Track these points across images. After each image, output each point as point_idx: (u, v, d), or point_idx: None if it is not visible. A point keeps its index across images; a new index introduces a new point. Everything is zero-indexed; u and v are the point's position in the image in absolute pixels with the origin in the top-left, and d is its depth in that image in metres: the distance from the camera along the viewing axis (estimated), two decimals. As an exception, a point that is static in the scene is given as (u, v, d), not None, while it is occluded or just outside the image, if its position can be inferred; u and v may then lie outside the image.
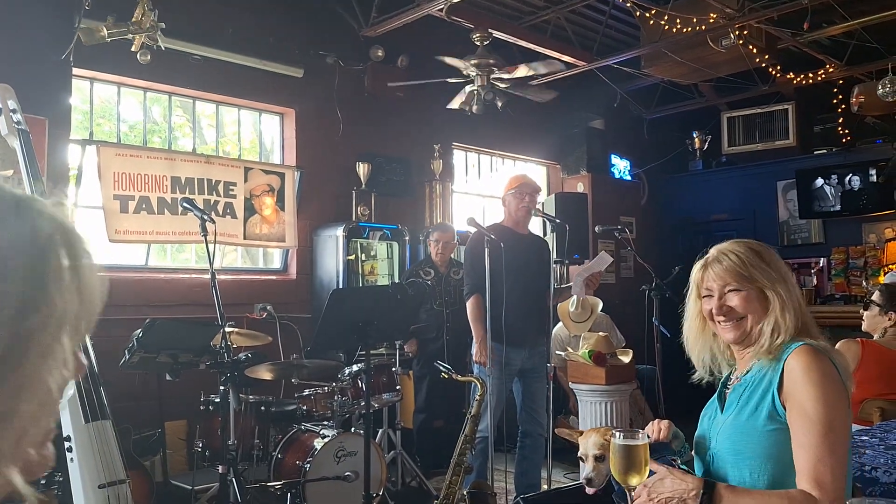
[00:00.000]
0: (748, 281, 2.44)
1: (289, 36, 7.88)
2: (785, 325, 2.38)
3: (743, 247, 2.53)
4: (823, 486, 2.16)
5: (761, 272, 2.45)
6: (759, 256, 2.49)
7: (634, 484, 2.19)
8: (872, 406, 4.46)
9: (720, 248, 2.56)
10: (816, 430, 2.20)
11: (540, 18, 8.81)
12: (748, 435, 2.33)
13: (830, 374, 2.28)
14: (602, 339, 6.13)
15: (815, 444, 2.19)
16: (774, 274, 2.46)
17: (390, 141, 8.80)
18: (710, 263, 2.53)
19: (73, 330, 0.80)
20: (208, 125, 7.86)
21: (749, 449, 2.31)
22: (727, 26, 7.99)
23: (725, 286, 2.46)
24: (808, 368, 2.27)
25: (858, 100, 9.49)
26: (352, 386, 5.96)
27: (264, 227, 7.52)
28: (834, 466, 2.18)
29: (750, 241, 2.60)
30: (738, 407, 2.41)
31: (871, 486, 3.04)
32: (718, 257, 2.52)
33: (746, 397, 2.40)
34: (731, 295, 2.45)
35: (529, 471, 5.93)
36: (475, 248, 5.73)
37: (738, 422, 2.37)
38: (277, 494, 5.37)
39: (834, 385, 2.26)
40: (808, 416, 2.22)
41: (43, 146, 6.02)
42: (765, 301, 2.43)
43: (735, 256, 2.49)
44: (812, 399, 2.23)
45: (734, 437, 2.36)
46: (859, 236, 10.57)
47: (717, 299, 2.47)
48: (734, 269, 2.46)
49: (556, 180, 11.08)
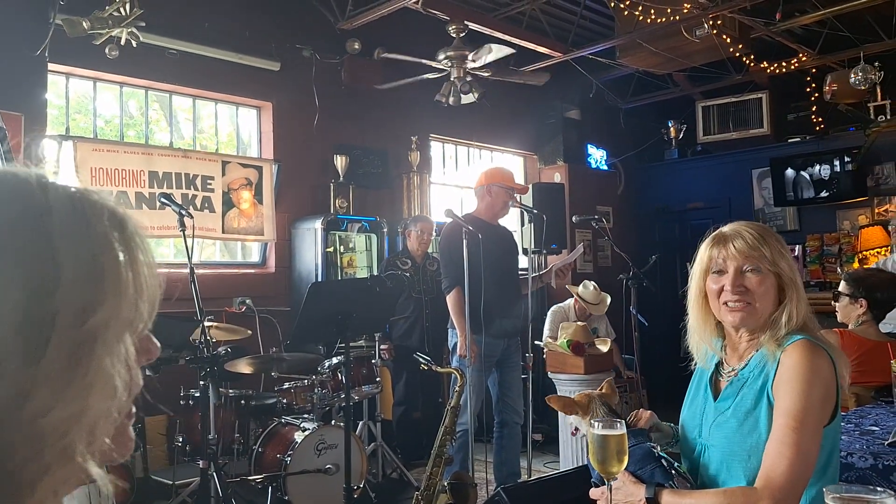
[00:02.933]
0: (770, 264, 2.34)
1: (265, 29, 7.86)
2: (797, 318, 2.32)
3: (762, 228, 2.43)
4: (771, 481, 2.13)
5: (783, 259, 2.36)
6: (779, 242, 2.41)
7: (614, 472, 2.19)
8: (847, 393, 4.50)
9: (739, 224, 2.45)
10: (786, 423, 2.18)
11: (515, 10, 8.83)
12: (746, 435, 2.30)
13: (821, 371, 2.23)
14: (580, 328, 6.17)
15: (780, 437, 2.17)
16: (792, 263, 2.39)
17: (368, 133, 8.79)
18: (731, 238, 2.39)
19: (134, 323, 0.81)
20: (185, 119, 7.83)
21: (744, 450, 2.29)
22: (701, 16, 8.04)
23: (745, 263, 2.35)
24: (800, 363, 2.23)
25: (831, 88, 9.57)
26: (331, 378, 5.97)
27: (242, 220, 7.51)
28: (794, 461, 2.13)
29: (762, 224, 2.53)
30: (735, 403, 2.36)
31: (847, 472, 3.06)
32: (740, 232, 2.39)
33: (744, 393, 2.35)
34: (749, 275, 2.35)
35: (509, 460, 5.95)
36: (452, 239, 5.70)
37: (736, 419, 2.34)
38: (258, 488, 5.39)
39: (821, 382, 2.22)
40: (783, 410, 2.20)
41: (19, 142, 5.98)
42: (779, 291, 2.36)
43: (759, 234, 2.38)
44: (792, 393, 2.20)
45: (731, 436, 2.33)
46: (834, 223, 10.65)
47: (733, 276, 2.35)
48: (758, 248, 2.34)
49: (532, 171, 11.10)
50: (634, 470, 2.35)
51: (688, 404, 2.63)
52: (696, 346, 2.57)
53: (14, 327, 0.70)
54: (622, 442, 2.15)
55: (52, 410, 0.72)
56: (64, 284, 0.73)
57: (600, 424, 2.16)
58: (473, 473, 5.49)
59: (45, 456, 0.72)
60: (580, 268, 10.49)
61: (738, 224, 2.46)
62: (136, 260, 0.81)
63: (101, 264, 0.77)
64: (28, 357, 0.70)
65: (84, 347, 0.74)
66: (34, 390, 0.71)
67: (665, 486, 2.29)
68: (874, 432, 3.42)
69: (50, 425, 0.72)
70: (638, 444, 2.40)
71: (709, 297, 2.45)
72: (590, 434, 2.18)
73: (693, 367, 2.66)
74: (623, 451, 2.15)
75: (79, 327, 0.74)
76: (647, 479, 2.33)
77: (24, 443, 0.71)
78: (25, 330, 0.70)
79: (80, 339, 0.74)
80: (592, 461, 2.21)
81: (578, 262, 10.41)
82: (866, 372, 4.53)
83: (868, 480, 2.99)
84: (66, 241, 0.75)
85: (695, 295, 2.51)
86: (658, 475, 2.33)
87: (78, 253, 0.75)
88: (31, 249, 0.72)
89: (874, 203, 10.30)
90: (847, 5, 8.20)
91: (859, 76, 8.77)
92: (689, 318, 2.57)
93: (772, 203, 11.01)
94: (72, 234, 0.76)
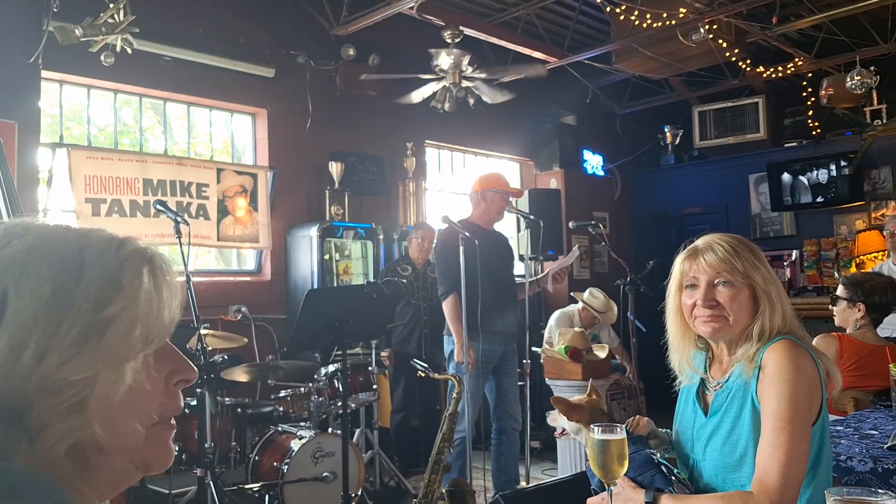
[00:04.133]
0: (742, 276, 2.32)
1: (259, 36, 7.84)
2: (772, 329, 2.30)
3: (736, 240, 2.40)
4: (765, 484, 2.12)
5: (756, 271, 2.34)
6: (753, 253, 2.38)
7: (613, 477, 2.18)
8: (846, 397, 4.48)
9: (711, 237, 2.42)
10: (774, 424, 2.16)
11: (510, 15, 8.82)
12: (734, 445, 2.29)
13: (804, 369, 2.22)
14: (578, 334, 6.15)
15: (770, 440, 2.16)
16: (767, 274, 2.35)
17: (363, 140, 8.77)
18: (702, 252, 2.38)
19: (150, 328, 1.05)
20: (179, 126, 7.80)
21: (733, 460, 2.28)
22: (697, 21, 8.03)
23: (716, 277, 2.33)
24: (782, 363, 2.22)
25: (828, 92, 9.58)
26: (328, 386, 5.95)
27: (238, 227, 7.48)
28: (786, 463, 2.12)
29: (738, 235, 2.46)
30: (723, 416, 2.35)
31: (847, 476, 3.06)
32: (711, 245, 2.37)
33: (730, 404, 2.34)
34: (721, 288, 2.33)
35: (508, 466, 5.92)
36: (448, 246, 5.67)
37: (724, 431, 2.32)
38: (255, 497, 5.35)
39: (806, 381, 2.21)
40: (770, 412, 2.19)
41: (13, 150, 5.96)
42: (754, 303, 2.33)
43: (730, 247, 2.35)
44: (778, 394, 2.19)
45: (720, 448, 2.32)
46: (831, 228, 10.66)
47: (705, 289, 2.34)
48: (729, 261, 2.32)
49: (528, 176, 11.09)
50: (634, 476, 2.35)
51: (678, 421, 2.61)
52: (676, 363, 2.55)
53: (41, 306, 0.97)
54: (622, 447, 2.13)
55: (61, 369, 0.96)
56: (84, 283, 1.00)
57: (600, 429, 2.14)
58: (472, 480, 5.47)
59: (54, 405, 0.96)
60: (577, 274, 10.48)
61: (710, 236, 2.43)
62: (159, 284, 1.07)
63: (120, 278, 1.03)
64: (48, 328, 0.96)
65: (96, 330, 0.98)
66: (49, 353, 0.95)
67: (664, 492, 2.28)
68: (873, 436, 3.42)
69: (59, 381, 0.96)
70: (638, 451, 2.39)
71: (684, 312, 2.43)
72: (590, 439, 2.16)
73: (677, 385, 2.63)
74: (623, 455, 2.13)
75: (93, 314, 0.99)
76: (648, 484, 2.32)
77: (36, 392, 0.95)
78: (48, 309, 0.97)
79: (93, 323, 0.98)
80: (593, 466, 2.19)
81: (575, 267, 10.42)
82: (865, 376, 4.52)
83: (868, 484, 2.99)
84: (93, 258, 1.02)
85: (672, 311, 2.50)
86: (658, 481, 2.33)
87: (101, 267, 1.02)
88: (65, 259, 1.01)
89: (871, 207, 10.31)
90: (843, 9, 8.20)
91: (855, 80, 8.78)
92: (668, 334, 2.55)
93: (769, 208, 11.02)
94: (100, 254, 1.03)
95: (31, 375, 0.95)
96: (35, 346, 0.95)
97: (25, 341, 0.95)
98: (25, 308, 0.96)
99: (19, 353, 0.95)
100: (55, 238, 1.04)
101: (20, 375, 0.95)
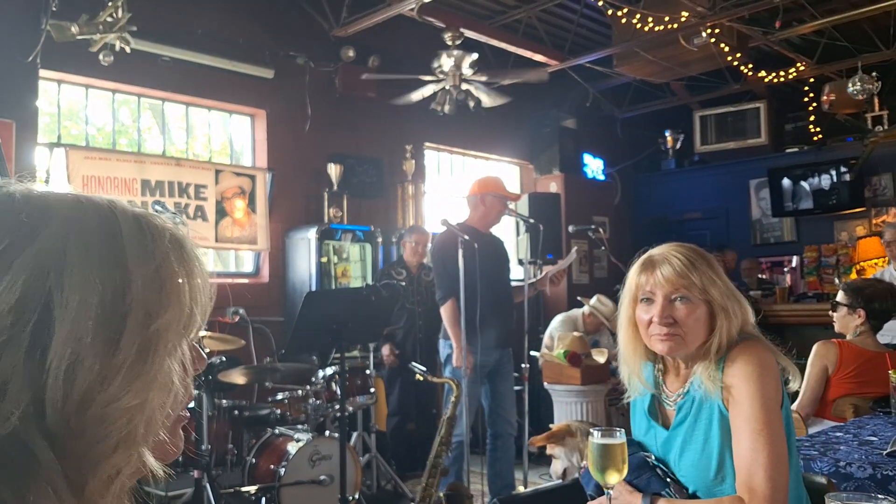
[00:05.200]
0: (700, 292, 2.25)
1: (259, 36, 7.82)
2: (728, 343, 2.25)
3: (692, 252, 2.33)
4: (755, 491, 2.10)
5: (713, 285, 2.27)
6: (710, 266, 2.31)
7: (612, 482, 2.16)
8: (846, 403, 4.47)
9: (667, 248, 2.35)
10: (753, 428, 2.13)
11: (511, 18, 8.81)
12: (709, 459, 2.24)
13: (767, 363, 2.20)
14: (577, 339, 6.13)
15: (750, 444, 2.13)
16: (724, 288, 2.29)
17: (362, 142, 8.75)
18: (658, 264, 2.30)
19: (189, 329, 0.96)
20: (178, 127, 7.78)
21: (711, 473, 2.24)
22: (699, 25, 8.01)
23: (673, 293, 2.26)
24: (746, 363, 2.19)
25: (829, 98, 9.56)
26: (326, 389, 5.93)
27: (236, 229, 7.46)
28: (768, 466, 2.10)
29: (694, 246, 2.39)
30: (689, 430, 2.30)
31: (846, 482, 3.04)
32: (668, 258, 2.30)
33: (694, 417, 2.29)
34: (678, 304, 2.26)
35: (503, 471, 5.89)
36: (446, 250, 5.64)
37: (696, 444, 2.28)
38: (252, 499, 5.33)
39: (770, 374, 2.19)
40: (744, 416, 2.15)
41: (10, 150, 5.94)
42: (711, 318, 2.27)
43: (686, 260, 2.28)
44: (749, 396, 2.15)
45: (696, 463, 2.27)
46: (831, 234, 10.66)
47: (661, 305, 2.26)
48: (686, 275, 2.25)
49: (528, 180, 11.07)
50: (630, 479, 2.33)
51: (635, 434, 2.56)
52: (626, 376, 2.48)
53: (95, 322, 0.82)
54: (621, 451, 2.11)
55: (122, 398, 0.84)
56: (133, 290, 0.87)
57: (599, 433, 2.12)
58: (469, 485, 5.45)
59: (110, 439, 0.84)
60: (576, 278, 10.47)
61: (667, 247, 2.36)
62: (192, 273, 0.97)
63: (162, 276, 0.91)
64: (108, 349, 0.83)
65: (150, 345, 0.87)
66: (112, 378, 0.83)
67: (662, 496, 2.26)
68: (872, 442, 3.41)
69: (118, 411, 0.84)
70: (632, 454, 2.37)
71: (639, 325, 2.36)
72: (589, 443, 2.14)
73: (626, 399, 2.58)
74: (623, 459, 2.12)
75: (146, 327, 0.87)
76: (644, 487, 2.30)
77: (94, 425, 0.83)
78: (104, 325, 0.83)
79: (147, 338, 0.87)
80: (592, 471, 2.18)
81: (575, 272, 10.41)
82: (864, 382, 4.51)
83: (867, 490, 2.98)
84: (134, 255, 0.89)
85: (624, 323, 2.42)
86: (654, 484, 2.31)
87: (144, 265, 0.89)
88: (108, 262, 0.86)
89: (872, 214, 10.30)
90: (845, 15, 8.21)
91: (857, 86, 8.74)
92: (618, 346, 2.49)
93: (769, 213, 11.01)
94: (138, 250, 0.90)
95: (84, 409, 0.82)
96: (90, 370, 0.82)
97: (78, 365, 0.81)
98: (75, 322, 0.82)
99: (71, 382, 0.81)
100: (85, 222, 0.89)
101: (73, 410, 0.81)
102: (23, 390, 0.79)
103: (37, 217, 0.86)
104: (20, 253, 0.83)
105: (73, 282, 0.83)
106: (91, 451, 0.84)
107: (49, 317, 0.81)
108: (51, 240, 0.85)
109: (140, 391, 0.86)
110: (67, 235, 0.86)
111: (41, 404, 0.80)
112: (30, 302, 0.81)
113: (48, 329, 0.81)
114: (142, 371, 0.86)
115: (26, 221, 0.86)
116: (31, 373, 0.80)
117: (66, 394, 0.80)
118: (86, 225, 0.88)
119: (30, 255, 0.83)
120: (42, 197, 0.90)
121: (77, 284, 0.83)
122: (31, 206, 0.88)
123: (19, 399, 0.79)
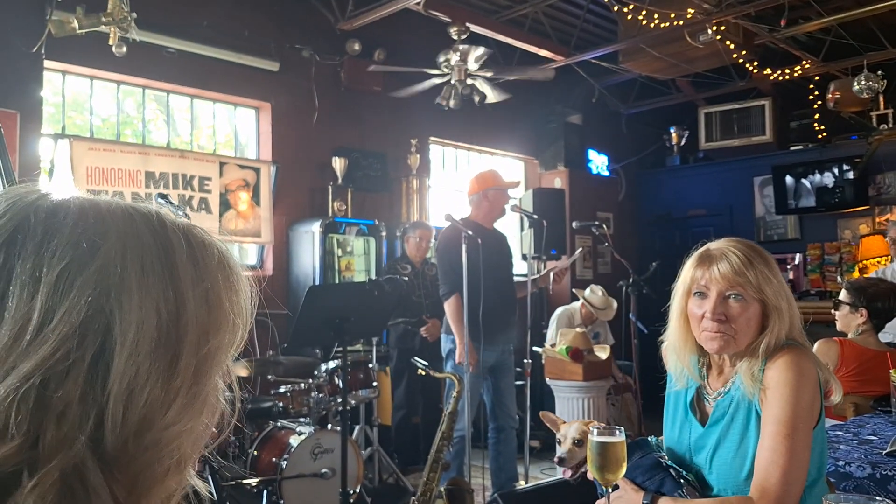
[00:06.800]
0: (755, 290, 2.23)
1: (264, 29, 7.81)
2: (777, 345, 2.24)
3: (751, 249, 2.31)
4: (766, 491, 2.09)
5: (769, 284, 2.24)
6: (767, 264, 2.28)
7: (611, 481, 2.16)
8: (846, 402, 4.47)
9: (726, 244, 2.33)
10: (777, 430, 2.13)
11: (517, 13, 8.80)
12: (743, 459, 2.24)
13: (807, 374, 2.19)
14: (579, 335, 6.13)
15: (773, 445, 2.12)
16: (778, 286, 2.27)
17: (367, 136, 8.75)
18: (716, 260, 2.28)
19: (234, 347, 0.94)
20: (183, 119, 7.78)
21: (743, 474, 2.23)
22: (705, 21, 8.01)
23: (728, 290, 2.25)
24: (787, 369, 2.18)
25: (834, 96, 9.55)
26: (328, 382, 5.93)
27: (240, 222, 7.46)
28: (788, 469, 2.09)
29: (752, 243, 2.37)
30: (727, 428, 2.30)
31: (846, 482, 3.04)
32: (725, 254, 2.28)
33: (733, 416, 2.29)
34: (732, 302, 2.25)
35: (506, 465, 5.91)
36: (450, 244, 5.65)
37: (731, 443, 2.27)
38: (254, 492, 5.34)
39: (809, 385, 2.18)
40: (773, 417, 2.15)
41: (14, 140, 5.94)
42: (764, 317, 2.26)
43: (744, 257, 2.26)
44: (782, 400, 2.15)
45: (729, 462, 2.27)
46: (834, 232, 10.64)
47: (715, 302, 2.25)
48: (743, 273, 2.23)
49: (533, 175, 11.07)
50: (643, 480, 2.32)
51: (668, 427, 2.56)
52: (674, 366, 2.49)
53: (154, 345, 0.81)
54: (620, 450, 2.11)
55: (178, 423, 0.82)
56: (188, 311, 0.85)
57: (598, 431, 2.12)
58: (470, 479, 5.45)
59: (164, 464, 0.83)
60: (580, 274, 10.47)
61: (725, 242, 2.35)
62: (238, 291, 0.94)
63: (212, 296, 0.89)
64: (167, 373, 0.81)
65: (204, 367, 0.87)
66: (171, 402, 0.82)
67: (663, 494, 2.25)
68: (872, 442, 3.41)
69: (172, 436, 0.82)
70: (646, 455, 2.37)
71: (690, 319, 2.35)
72: (588, 442, 2.14)
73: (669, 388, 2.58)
74: (622, 458, 2.11)
75: (201, 349, 0.86)
76: (657, 489, 2.29)
77: (149, 449, 0.81)
78: (162, 348, 0.81)
79: (202, 359, 0.86)
80: (591, 469, 2.17)
81: (578, 268, 10.41)
82: (865, 381, 4.52)
83: (866, 490, 2.98)
84: (187, 276, 0.87)
85: (676, 314, 2.41)
86: (668, 485, 2.29)
87: (196, 286, 0.87)
88: (163, 282, 0.84)
89: (875, 212, 10.28)
90: (851, 13, 8.19)
91: (862, 84, 8.72)
92: (668, 335, 2.49)
93: (773, 211, 10.99)
94: (191, 270, 0.88)
95: (142, 433, 0.80)
96: (150, 394, 0.80)
97: (138, 389, 0.79)
98: (135, 344, 0.80)
99: (133, 407, 0.79)
100: (140, 238, 0.87)
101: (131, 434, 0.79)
102: (85, 415, 0.77)
103: (92, 231, 0.83)
104: (82, 271, 0.80)
105: (133, 302, 0.81)
106: (143, 476, 0.81)
107: (110, 338, 0.79)
108: (109, 257, 0.82)
109: (194, 416, 0.85)
110: (125, 253, 0.83)
111: (101, 429, 0.78)
112: (93, 323, 0.78)
113: (110, 351, 0.78)
114: (197, 393, 0.85)
115: (83, 235, 0.82)
116: (94, 397, 0.78)
117: (127, 418, 0.78)
118: (141, 241, 0.86)
119: (91, 274, 0.80)
120: (93, 207, 0.87)
121: (136, 305, 0.81)
122: (85, 218, 0.85)
123: (83, 424, 0.77)
